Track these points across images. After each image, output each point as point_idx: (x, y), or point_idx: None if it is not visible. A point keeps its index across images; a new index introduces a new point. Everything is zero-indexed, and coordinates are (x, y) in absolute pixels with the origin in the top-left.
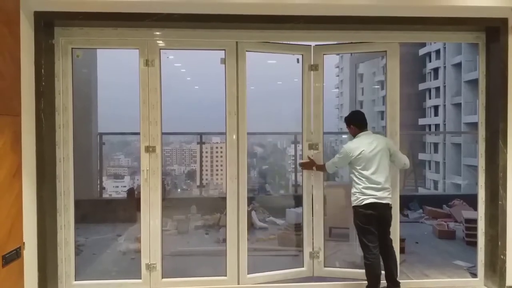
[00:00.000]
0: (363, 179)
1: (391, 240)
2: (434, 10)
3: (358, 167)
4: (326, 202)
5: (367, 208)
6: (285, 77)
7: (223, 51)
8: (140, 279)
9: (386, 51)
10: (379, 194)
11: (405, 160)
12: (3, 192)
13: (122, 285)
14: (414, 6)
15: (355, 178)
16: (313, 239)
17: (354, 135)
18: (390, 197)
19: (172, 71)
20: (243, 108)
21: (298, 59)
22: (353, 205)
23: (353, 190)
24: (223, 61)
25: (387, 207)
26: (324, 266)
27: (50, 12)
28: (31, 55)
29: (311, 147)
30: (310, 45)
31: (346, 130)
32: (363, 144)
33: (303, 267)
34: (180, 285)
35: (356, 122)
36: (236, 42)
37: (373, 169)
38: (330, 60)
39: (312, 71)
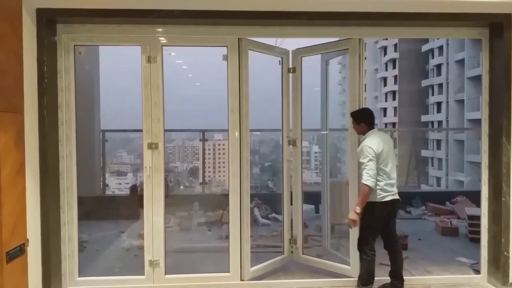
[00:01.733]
0: (384, 175)
1: (397, 235)
2: (437, 5)
3: (380, 164)
4: (329, 199)
5: (386, 205)
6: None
7: (225, 47)
8: (143, 275)
9: (348, 48)
10: (394, 189)
11: None
12: (7, 189)
13: (126, 281)
14: (417, 2)
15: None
16: (291, 227)
17: (362, 133)
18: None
19: (174, 68)
20: (245, 105)
21: (279, 61)
22: (371, 200)
23: (375, 187)
24: (225, 57)
25: (398, 201)
26: (302, 254)
27: (52, 9)
28: (34, 52)
29: (290, 143)
30: (288, 50)
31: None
32: (382, 141)
33: (283, 254)
34: (183, 281)
35: (368, 120)
36: (239, 39)
37: (390, 166)
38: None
39: (290, 73)
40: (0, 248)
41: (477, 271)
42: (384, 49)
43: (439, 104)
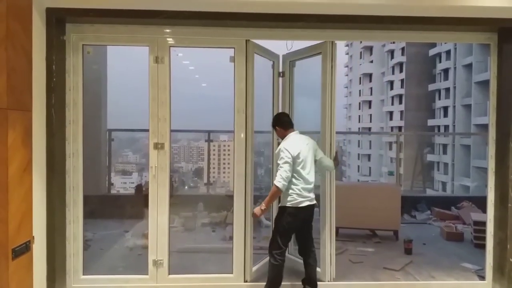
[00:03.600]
0: (301, 179)
1: (313, 240)
2: (446, 10)
3: (297, 167)
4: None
5: (302, 211)
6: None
7: (233, 49)
8: (147, 274)
9: (320, 52)
10: (311, 195)
11: (328, 162)
12: (14, 186)
13: (129, 280)
14: (426, 6)
15: (292, 179)
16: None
17: (282, 136)
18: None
19: (181, 68)
20: (251, 106)
21: (272, 65)
22: (285, 204)
23: (289, 191)
24: (232, 59)
25: (315, 206)
26: (287, 253)
27: (61, 8)
28: (43, 51)
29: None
30: (279, 54)
31: (354, 130)
32: (299, 144)
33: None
34: (186, 281)
35: (282, 124)
36: (246, 41)
37: (308, 169)
38: (339, 60)
39: (280, 77)
40: (6, 245)
41: (482, 277)
42: (391, 52)
43: (445, 108)
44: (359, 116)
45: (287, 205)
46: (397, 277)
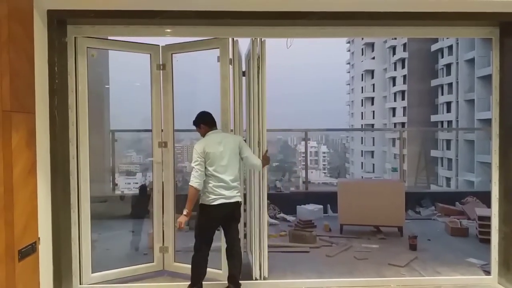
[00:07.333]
0: (212, 177)
1: (239, 240)
2: (447, 5)
3: (208, 166)
4: (338, 199)
5: (216, 209)
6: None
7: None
8: (153, 262)
9: (259, 54)
10: (227, 193)
11: (254, 161)
12: (19, 188)
13: (137, 270)
14: (427, 1)
15: (205, 177)
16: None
17: (204, 134)
18: (239, 195)
19: (181, 68)
20: (239, 105)
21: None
22: (201, 203)
23: (204, 189)
24: (219, 59)
25: (237, 205)
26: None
27: (62, 10)
28: (45, 53)
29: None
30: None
31: (357, 127)
32: (212, 143)
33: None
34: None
35: (206, 122)
36: (233, 39)
37: (222, 168)
38: (341, 57)
39: (244, 77)
40: (12, 246)
41: (488, 272)
42: (393, 48)
43: (448, 104)
44: (362, 113)
45: (202, 202)
46: (402, 273)
